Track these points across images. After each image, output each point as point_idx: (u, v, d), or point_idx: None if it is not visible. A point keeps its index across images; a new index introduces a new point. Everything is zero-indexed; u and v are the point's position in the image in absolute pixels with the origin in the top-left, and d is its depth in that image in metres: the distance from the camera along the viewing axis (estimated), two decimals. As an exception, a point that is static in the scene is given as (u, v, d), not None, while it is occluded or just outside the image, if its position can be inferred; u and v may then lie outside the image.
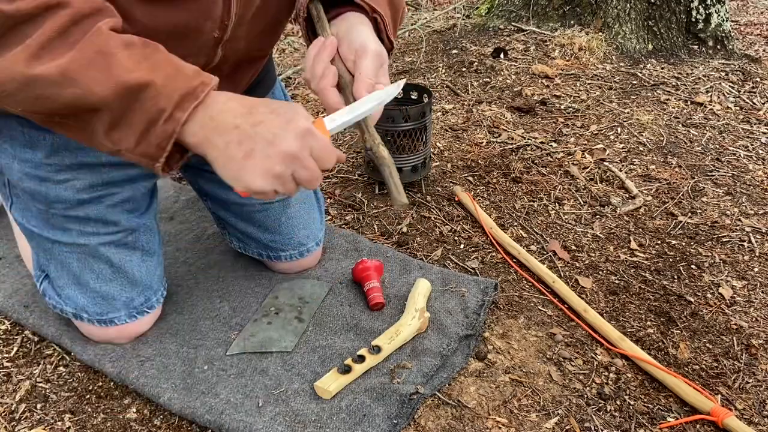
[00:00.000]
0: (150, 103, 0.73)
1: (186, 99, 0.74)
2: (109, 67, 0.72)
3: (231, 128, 0.76)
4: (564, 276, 1.40)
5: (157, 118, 0.74)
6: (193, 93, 0.75)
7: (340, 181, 1.77)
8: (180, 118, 0.74)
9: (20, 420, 1.07)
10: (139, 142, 0.76)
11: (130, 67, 0.73)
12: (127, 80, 0.72)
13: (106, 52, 0.72)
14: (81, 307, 1.13)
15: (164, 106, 0.73)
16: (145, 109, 0.73)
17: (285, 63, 2.70)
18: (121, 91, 0.72)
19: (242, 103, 0.78)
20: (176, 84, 0.74)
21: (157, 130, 0.74)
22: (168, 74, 0.75)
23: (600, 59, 2.61)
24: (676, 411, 1.08)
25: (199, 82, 0.76)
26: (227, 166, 0.77)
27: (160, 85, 0.73)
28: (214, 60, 0.95)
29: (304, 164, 0.78)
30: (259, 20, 0.96)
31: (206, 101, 0.76)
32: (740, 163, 1.89)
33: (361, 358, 1.11)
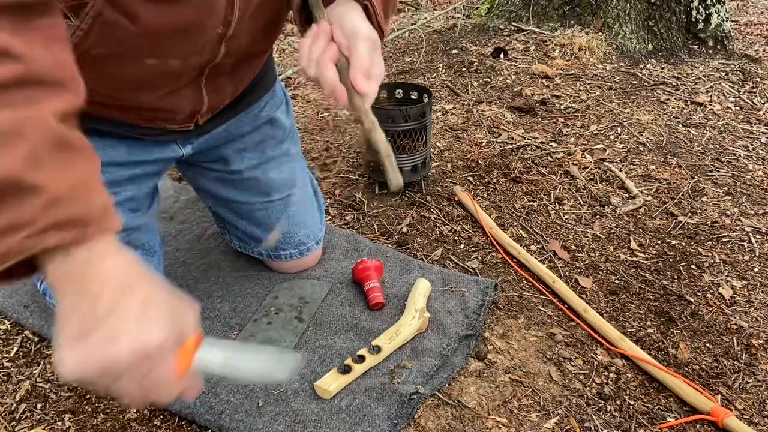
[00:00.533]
0: (28, 208, 0.59)
1: (67, 226, 0.59)
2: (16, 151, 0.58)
3: (89, 299, 0.62)
4: (564, 276, 1.40)
5: (22, 227, 0.58)
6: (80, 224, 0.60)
7: (340, 181, 1.77)
8: (45, 243, 0.59)
9: (20, 420, 1.07)
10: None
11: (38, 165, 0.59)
12: (21, 175, 0.58)
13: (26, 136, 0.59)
14: (81, 308, 1.12)
15: (38, 219, 0.58)
16: (19, 211, 0.58)
17: (285, 63, 2.70)
18: (7, 182, 0.58)
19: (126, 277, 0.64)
20: (70, 206, 0.60)
21: (13, 240, 0.59)
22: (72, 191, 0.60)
23: (600, 59, 2.61)
24: (676, 411, 1.08)
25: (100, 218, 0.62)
26: (60, 332, 0.63)
27: (52, 197, 0.59)
28: (218, 56, 0.96)
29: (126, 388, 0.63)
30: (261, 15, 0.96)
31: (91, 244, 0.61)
32: (740, 163, 1.89)
33: (361, 358, 1.11)
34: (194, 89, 1.01)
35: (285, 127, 1.30)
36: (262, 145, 1.26)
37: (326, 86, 0.84)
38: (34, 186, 0.59)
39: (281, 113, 1.29)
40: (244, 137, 1.24)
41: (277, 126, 1.28)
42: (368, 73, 0.84)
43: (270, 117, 1.26)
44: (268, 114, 1.26)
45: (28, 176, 0.58)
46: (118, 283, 0.63)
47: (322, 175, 1.81)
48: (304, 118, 2.17)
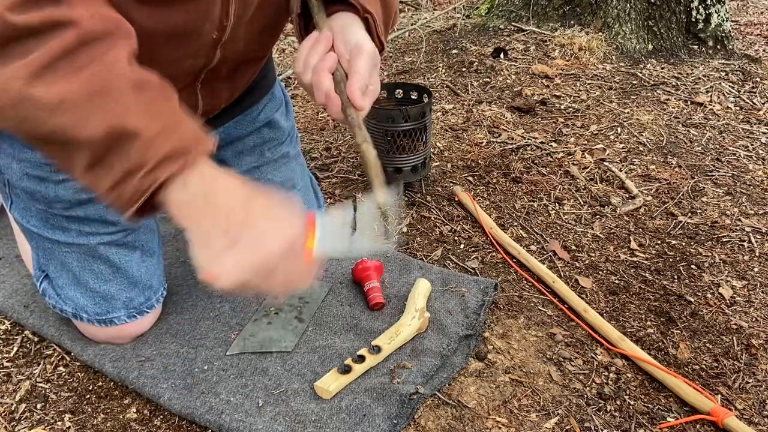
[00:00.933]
0: (134, 152, 0.68)
1: (171, 159, 0.68)
2: (106, 106, 0.67)
3: (222, 214, 0.70)
4: (564, 276, 1.40)
5: (136, 170, 0.68)
6: (181, 154, 0.69)
7: (340, 181, 1.77)
8: (158, 178, 0.68)
9: (20, 420, 1.07)
10: (112, 189, 0.70)
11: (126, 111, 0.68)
12: (118, 124, 0.67)
13: (110, 89, 0.68)
14: (81, 307, 1.13)
15: (146, 160, 0.68)
16: (127, 157, 0.68)
17: (285, 63, 2.70)
18: (109, 135, 0.67)
19: (242, 189, 0.73)
20: (167, 140, 0.69)
21: (133, 183, 0.68)
22: (164, 127, 0.69)
23: (600, 59, 2.61)
24: (676, 411, 1.08)
25: (195, 144, 0.70)
26: (202, 251, 0.71)
27: (150, 137, 0.68)
28: (213, 61, 0.95)
29: (274, 281, 0.73)
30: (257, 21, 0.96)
31: (195, 168, 0.70)
32: (740, 163, 1.89)
33: (361, 358, 1.11)
34: (189, 93, 1.00)
35: (284, 129, 1.30)
36: (261, 147, 1.26)
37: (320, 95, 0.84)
38: (131, 131, 0.67)
39: (280, 115, 1.29)
40: (242, 139, 1.24)
41: (277, 128, 1.28)
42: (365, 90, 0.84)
43: (269, 119, 1.26)
44: (267, 116, 1.26)
45: (124, 124, 0.67)
46: (240, 195, 0.72)
47: (322, 175, 1.81)
48: (304, 118, 2.17)
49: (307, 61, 0.85)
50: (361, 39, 0.86)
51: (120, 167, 0.69)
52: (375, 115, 1.60)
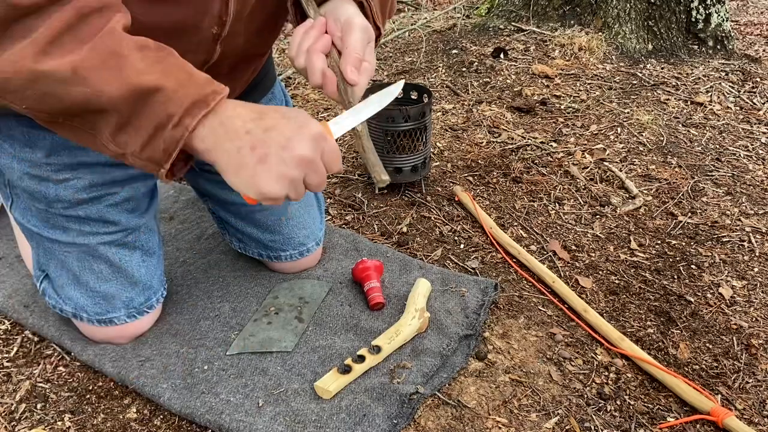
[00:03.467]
0: (159, 107, 0.72)
1: (196, 105, 0.73)
2: (121, 68, 0.71)
3: (242, 133, 0.75)
4: (564, 276, 1.40)
5: (165, 123, 0.72)
6: (204, 100, 0.74)
7: (340, 181, 1.77)
8: (189, 125, 0.73)
9: (20, 420, 1.07)
10: (145, 147, 0.74)
11: (142, 70, 0.71)
12: (138, 83, 0.71)
13: (119, 53, 0.71)
14: (81, 307, 1.13)
15: (174, 111, 0.72)
16: (155, 113, 0.72)
17: (285, 63, 2.70)
18: (132, 94, 0.71)
19: (252, 109, 0.77)
20: (187, 90, 0.73)
21: (165, 135, 0.73)
22: (180, 80, 0.73)
23: (600, 59, 2.61)
24: (676, 411, 1.08)
25: (211, 90, 0.75)
26: (240, 172, 0.75)
27: (170, 90, 0.72)
28: (213, 57, 0.95)
29: (316, 168, 0.77)
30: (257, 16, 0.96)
31: (216, 109, 0.75)
32: (740, 163, 1.89)
33: (361, 358, 1.11)
34: None
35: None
36: None
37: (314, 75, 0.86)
38: (152, 87, 0.71)
39: (281, 114, 1.29)
40: None
41: None
42: (359, 64, 0.85)
43: None
44: None
45: (143, 81, 0.71)
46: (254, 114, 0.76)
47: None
48: (304, 118, 2.17)
49: (301, 45, 0.87)
50: (352, 15, 0.87)
51: (149, 123, 0.72)
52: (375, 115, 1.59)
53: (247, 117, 0.76)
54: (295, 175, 0.76)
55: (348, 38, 0.85)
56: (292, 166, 0.75)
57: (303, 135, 0.76)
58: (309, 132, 0.76)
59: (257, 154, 0.74)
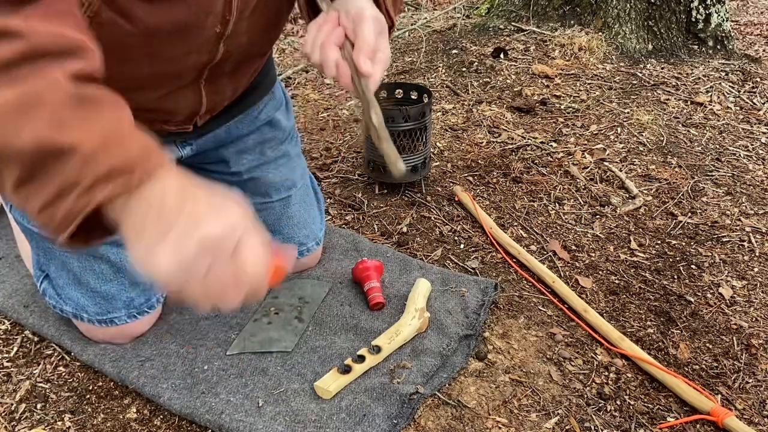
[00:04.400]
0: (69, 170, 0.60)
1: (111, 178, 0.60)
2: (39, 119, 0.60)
3: (156, 204, 0.62)
4: (564, 276, 1.40)
5: (69, 189, 0.61)
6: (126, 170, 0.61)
7: (340, 181, 1.77)
8: (94, 199, 0.60)
9: (20, 420, 1.07)
10: (42, 210, 0.62)
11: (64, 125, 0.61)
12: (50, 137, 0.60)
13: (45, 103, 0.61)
14: (81, 307, 1.13)
15: (81, 177, 0.60)
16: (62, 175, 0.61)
17: (285, 63, 2.70)
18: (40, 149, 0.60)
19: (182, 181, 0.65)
20: (109, 156, 0.61)
21: (65, 204, 0.61)
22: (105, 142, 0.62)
23: (600, 59, 2.61)
24: (676, 411, 1.08)
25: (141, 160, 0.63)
26: (137, 243, 0.63)
27: (87, 153, 0.60)
28: (217, 56, 0.95)
29: (222, 258, 0.63)
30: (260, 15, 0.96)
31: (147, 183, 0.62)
32: (740, 163, 1.89)
33: (361, 358, 1.11)
34: (194, 90, 1.01)
35: (285, 129, 1.30)
36: (261, 146, 1.26)
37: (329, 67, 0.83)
38: (66, 146, 0.60)
39: (281, 114, 1.29)
40: (243, 138, 1.24)
41: (277, 127, 1.28)
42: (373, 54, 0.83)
43: (270, 118, 1.26)
44: (268, 115, 1.26)
45: (57, 138, 0.60)
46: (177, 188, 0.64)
47: (322, 175, 1.81)
48: (304, 118, 2.17)
49: (315, 40, 0.84)
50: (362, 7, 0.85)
51: (52, 186, 0.61)
52: (375, 115, 1.60)
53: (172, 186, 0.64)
54: (190, 259, 0.61)
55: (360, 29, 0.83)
56: (191, 244, 0.61)
57: (219, 216, 0.63)
58: (228, 214, 0.64)
59: (159, 228, 0.62)
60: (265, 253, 0.66)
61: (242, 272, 0.64)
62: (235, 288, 0.65)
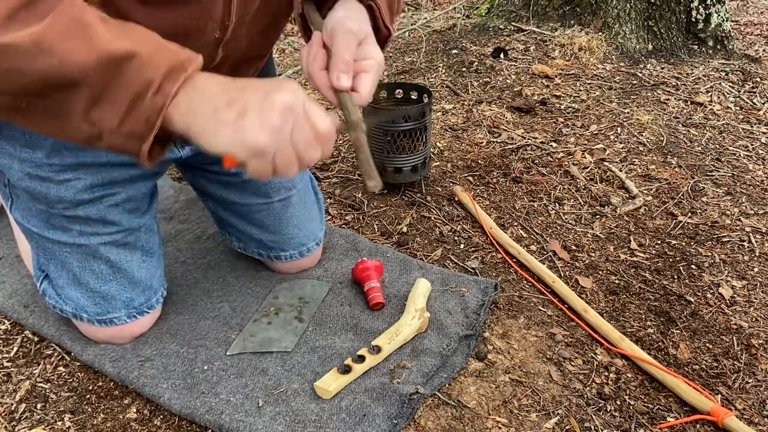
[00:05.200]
0: (136, 75, 0.67)
1: (174, 71, 0.68)
2: (87, 36, 0.66)
3: (218, 93, 0.70)
4: (564, 276, 1.40)
5: (144, 90, 0.67)
6: (181, 66, 0.69)
7: (340, 181, 1.77)
8: (170, 91, 0.68)
9: (20, 420, 1.07)
10: (124, 120, 0.68)
11: (110, 38, 0.67)
12: (109, 49, 0.66)
13: (84, 23, 0.66)
14: (81, 307, 1.13)
15: (152, 77, 0.67)
16: (131, 81, 0.67)
17: (285, 63, 2.70)
18: (104, 62, 0.66)
19: (226, 77, 0.74)
20: (162, 56, 0.69)
21: (146, 104, 0.67)
22: (152, 47, 0.69)
23: (600, 59, 2.61)
24: (676, 411, 1.09)
25: (186, 56, 0.71)
26: (219, 132, 0.70)
27: (145, 56, 0.67)
28: (215, 60, 0.95)
29: (300, 120, 0.72)
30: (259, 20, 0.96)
31: (193, 75, 0.70)
32: (740, 163, 1.89)
33: (361, 358, 1.11)
34: None
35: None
36: None
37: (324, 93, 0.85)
38: (127, 54, 0.67)
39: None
40: None
41: None
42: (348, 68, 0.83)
43: None
44: None
45: (116, 47, 0.66)
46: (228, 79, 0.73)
47: (322, 175, 1.81)
48: (304, 118, 2.17)
49: (306, 66, 0.86)
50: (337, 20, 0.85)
51: (125, 94, 0.67)
52: (375, 114, 1.60)
53: (222, 81, 0.73)
54: (279, 124, 0.70)
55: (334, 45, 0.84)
56: (275, 113, 0.70)
57: (281, 88, 0.72)
58: (287, 86, 0.72)
59: (236, 109, 0.69)
60: (320, 109, 0.75)
61: (317, 128, 0.73)
62: (315, 144, 0.74)
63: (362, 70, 0.84)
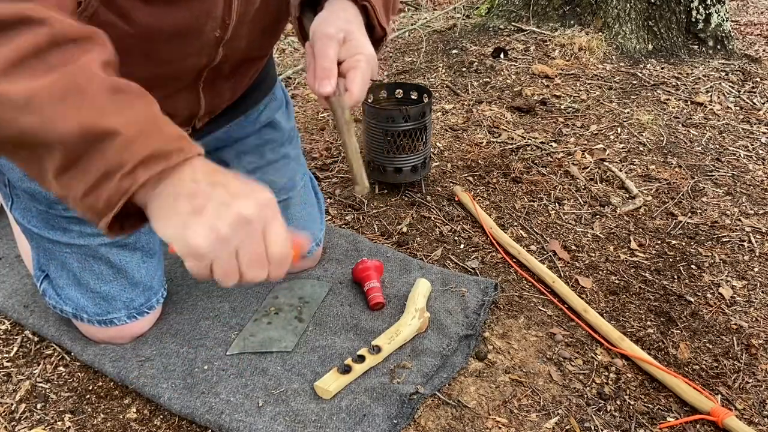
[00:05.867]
0: (112, 154, 0.63)
1: (155, 158, 0.63)
2: (80, 106, 0.63)
3: (187, 182, 0.66)
4: (564, 276, 1.40)
5: (114, 171, 0.63)
6: (165, 155, 0.64)
7: (340, 181, 1.78)
8: (139, 178, 0.63)
9: (20, 420, 1.07)
10: (87, 193, 0.65)
11: (104, 111, 0.64)
12: (93, 123, 0.63)
13: (84, 90, 0.64)
14: (81, 308, 1.13)
15: (126, 160, 0.63)
16: (105, 159, 0.63)
17: (285, 63, 2.70)
18: (84, 135, 0.63)
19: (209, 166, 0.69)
20: (149, 141, 0.64)
21: (111, 185, 0.63)
22: (142, 129, 0.65)
23: (600, 59, 2.61)
24: (676, 411, 1.09)
25: (178, 146, 0.65)
26: (169, 220, 0.66)
27: (130, 137, 0.63)
28: (216, 59, 0.95)
29: (254, 237, 0.67)
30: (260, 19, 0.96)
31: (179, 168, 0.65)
32: (740, 163, 1.89)
33: (361, 358, 1.11)
34: (192, 92, 1.00)
35: (285, 130, 1.30)
36: (262, 147, 1.26)
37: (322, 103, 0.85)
38: (110, 130, 0.63)
39: (281, 116, 1.29)
40: (243, 140, 1.24)
41: (277, 128, 1.28)
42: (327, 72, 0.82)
43: (270, 120, 1.26)
44: (268, 117, 1.26)
45: (100, 123, 0.63)
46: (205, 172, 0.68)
47: (322, 175, 1.81)
48: (303, 118, 2.17)
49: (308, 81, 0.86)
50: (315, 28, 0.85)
51: (96, 169, 0.64)
52: (375, 115, 1.60)
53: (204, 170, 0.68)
54: (227, 234, 0.65)
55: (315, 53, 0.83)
56: (226, 221, 0.65)
57: (249, 197, 0.67)
58: (257, 196, 0.68)
59: (194, 204, 0.65)
60: (288, 235, 0.71)
61: (270, 251, 0.69)
62: (262, 265, 0.69)
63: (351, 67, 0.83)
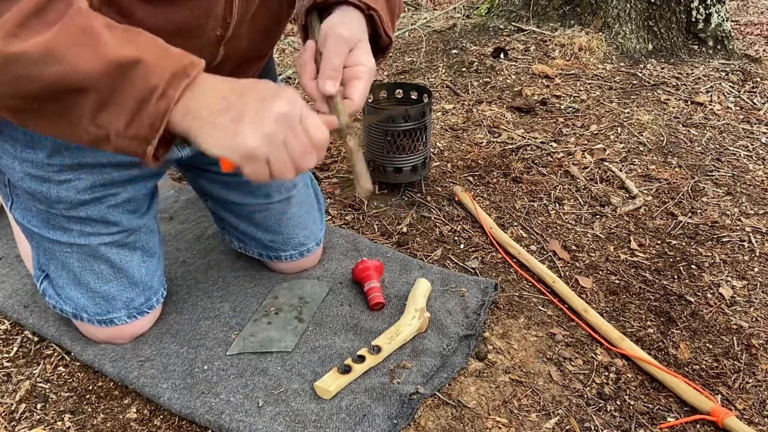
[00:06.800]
0: (141, 80, 0.70)
1: (177, 77, 0.72)
2: (95, 44, 0.69)
3: (217, 98, 0.74)
4: (564, 276, 1.40)
5: (149, 96, 0.71)
6: (183, 71, 0.72)
7: (340, 181, 1.78)
8: (173, 96, 0.71)
9: (20, 420, 1.07)
10: (129, 123, 0.72)
11: (116, 46, 0.70)
12: (115, 57, 0.69)
13: (91, 31, 0.70)
14: (81, 307, 1.13)
15: (156, 83, 0.70)
16: (137, 87, 0.70)
17: (285, 63, 2.70)
18: (110, 69, 0.69)
19: (227, 80, 0.77)
20: (166, 62, 0.72)
21: (150, 109, 0.71)
22: (156, 53, 0.72)
23: (600, 59, 2.61)
24: (676, 411, 1.09)
25: (189, 61, 0.74)
26: (215, 135, 0.73)
27: (150, 62, 0.71)
28: (216, 59, 0.95)
29: (295, 129, 0.75)
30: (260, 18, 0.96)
31: (196, 81, 0.74)
32: (740, 163, 1.89)
33: (361, 358, 1.11)
34: None
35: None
36: None
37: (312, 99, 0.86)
38: (133, 60, 0.70)
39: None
40: None
41: None
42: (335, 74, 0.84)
43: None
44: None
45: (120, 54, 0.70)
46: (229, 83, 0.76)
47: (322, 175, 1.81)
48: (304, 118, 2.17)
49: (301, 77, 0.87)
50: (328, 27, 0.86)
51: (131, 98, 0.70)
52: (374, 115, 1.60)
53: (223, 85, 0.75)
54: (273, 131, 0.73)
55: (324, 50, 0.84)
56: (269, 120, 0.73)
57: (279, 96, 0.75)
58: (285, 93, 0.75)
59: (231, 114, 0.73)
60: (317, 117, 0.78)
61: (312, 137, 0.76)
62: (309, 150, 0.77)
63: (354, 76, 0.85)
